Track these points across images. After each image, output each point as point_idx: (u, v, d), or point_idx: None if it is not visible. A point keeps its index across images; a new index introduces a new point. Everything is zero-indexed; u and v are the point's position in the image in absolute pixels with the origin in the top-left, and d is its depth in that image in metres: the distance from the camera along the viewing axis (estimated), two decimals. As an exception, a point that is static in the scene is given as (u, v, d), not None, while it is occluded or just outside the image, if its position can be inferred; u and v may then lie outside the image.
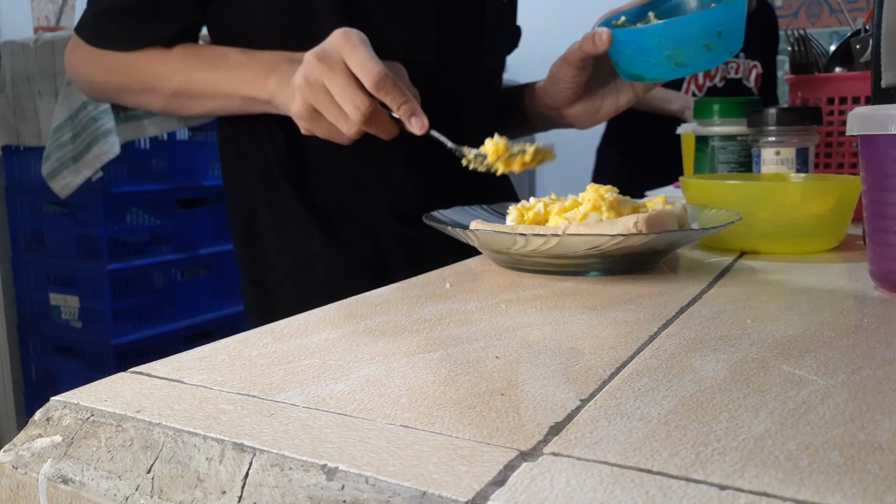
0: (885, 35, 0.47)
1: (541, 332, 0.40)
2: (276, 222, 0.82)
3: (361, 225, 0.81)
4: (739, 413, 0.28)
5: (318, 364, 0.35)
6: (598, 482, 0.23)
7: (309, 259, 0.80)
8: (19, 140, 1.89)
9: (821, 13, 2.77)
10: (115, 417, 0.30)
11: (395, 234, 0.81)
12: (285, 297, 0.82)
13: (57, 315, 1.93)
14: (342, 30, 0.65)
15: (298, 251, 0.81)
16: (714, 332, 0.39)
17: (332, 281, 0.80)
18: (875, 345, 0.37)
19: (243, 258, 0.86)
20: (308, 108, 0.66)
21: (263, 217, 0.83)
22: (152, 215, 1.94)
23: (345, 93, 0.64)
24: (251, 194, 0.83)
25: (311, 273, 0.81)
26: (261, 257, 0.84)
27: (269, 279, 0.83)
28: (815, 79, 0.88)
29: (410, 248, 0.81)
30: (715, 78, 1.90)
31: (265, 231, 0.83)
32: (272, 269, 0.83)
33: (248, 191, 0.84)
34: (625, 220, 0.52)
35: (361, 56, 0.64)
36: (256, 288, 0.85)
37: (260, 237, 0.83)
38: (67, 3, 2.31)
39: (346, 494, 0.24)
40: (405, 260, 0.81)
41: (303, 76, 0.65)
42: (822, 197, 0.62)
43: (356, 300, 0.48)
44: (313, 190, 0.81)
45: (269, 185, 0.81)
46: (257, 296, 0.85)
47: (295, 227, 0.81)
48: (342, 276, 0.80)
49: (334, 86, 0.64)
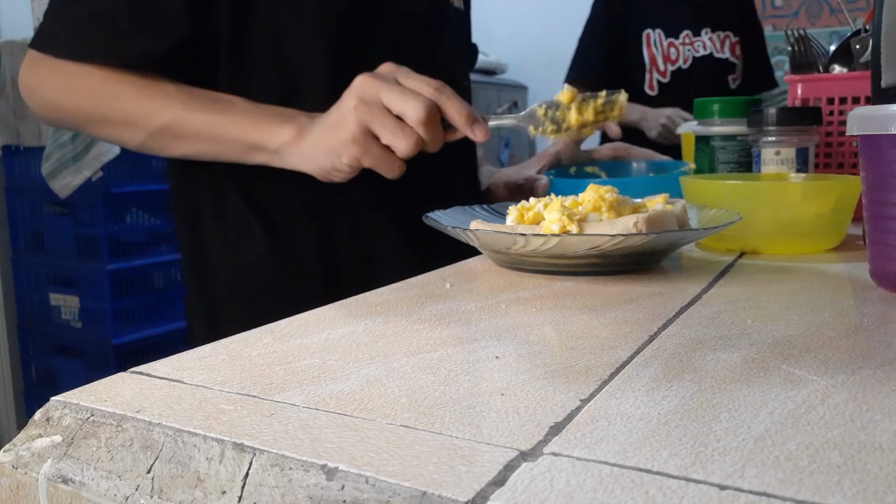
0: (885, 35, 0.47)
1: (541, 332, 0.40)
2: (219, 225, 0.80)
3: (310, 226, 0.79)
4: (739, 413, 0.28)
5: (318, 364, 0.35)
6: (598, 482, 0.23)
7: (253, 262, 0.79)
8: (19, 140, 1.89)
9: (821, 13, 2.77)
10: (115, 417, 0.30)
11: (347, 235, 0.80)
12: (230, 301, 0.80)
13: (57, 315, 1.93)
14: (389, 62, 0.66)
15: (242, 253, 0.79)
16: (714, 332, 0.39)
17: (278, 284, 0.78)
18: (875, 345, 0.37)
19: (188, 264, 0.84)
20: (363, 130, 0.64)
21: (207, 219, 0.80)
22: (152, 215, 1.94)
23: (405, 96, 0.62)
24: (195, 197, 0.81)
25: (255, 276, 0.79)
26: (205, 261, 0.82)
27: (214, 283, 0.81)
28: (815, 79, 0.88)
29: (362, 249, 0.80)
30: (677, 61, 1.90)
31: (209, 234, 0.80)
32: (216, 273, 0.81)
33: (191, 194, 0.82)
34: (625, 220, 0.52)
35: (417, 75, 0.64)
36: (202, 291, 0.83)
37: (204, 240, 0.81)
38: (67, 3, 2.30)
39: (346, 494, 0.24)
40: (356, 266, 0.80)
41: (356, 96, 0.64)
42: (822, 197, 0.62)
43: (356, 300, 0.48)
44: (258, 190, 0.78)
45: (213, 187, 0.79)
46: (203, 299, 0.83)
47: (238, 229, 0.79)
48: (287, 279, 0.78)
49: (393, 94, 0.63)
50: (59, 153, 1.73)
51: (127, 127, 0.73)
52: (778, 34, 2.74)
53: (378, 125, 0.63)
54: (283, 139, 0.69)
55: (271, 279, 0.78)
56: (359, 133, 0.64)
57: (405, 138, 0.63)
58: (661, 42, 1.90)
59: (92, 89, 0.72)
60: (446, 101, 0.64)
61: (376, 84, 0.63)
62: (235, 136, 0.71)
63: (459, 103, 0.64)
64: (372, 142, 0.65)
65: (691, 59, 1.89)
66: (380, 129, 0.64)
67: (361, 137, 0.64)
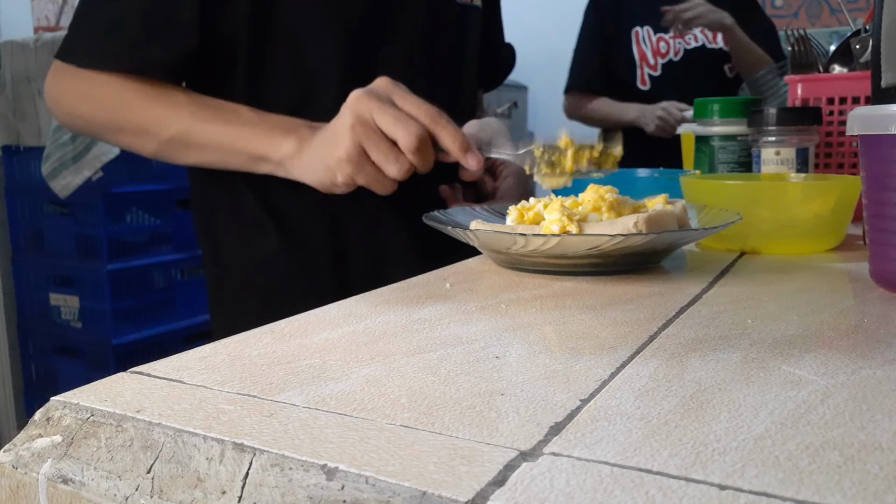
0: (885, 35, 0.47)
1: (541, 332, 0.40)
2: (235, 223, 0.82)
3: (322, 225, 0.81)
4: (739, 413, 0.28)
5: (318, 364, 0.35)
6: (598, 482, 0.23)
7: (267, 259, 0.80)
8: (19, 140, 1.89)
9: (821, 13, 2.77)
10: (115, 417, 0.30)
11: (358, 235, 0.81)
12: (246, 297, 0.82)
13: (57, 315, 1.93)
14: (385, 77, 0.66)
15: (256, 251, 0.81)
16: (714, 332, 0.39)
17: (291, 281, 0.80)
18: (875, 345, 0.37)
19: (207, 261, 0.86)
20: (358, 150, 0.65)
21: (223, 218, 0.82)
22: (152, 215, 1.94)
23: (398, 122, 0.63)
24: (212, 196, 0.83)
25: (269, 273, 0.80)
26: (222, 257, 0.84)
27: (230, 279, 0.83)
28: (815, 79, 0.88)
29: (373, 248, 0.82)
30: (668, 54, 1.92)
31: (225, 232, 0.82)
32: (232, 269, 0.83)
33: (209, 194, 0.84)
34: (625, 220, 0.52)
35: (413, 97, 0.64)
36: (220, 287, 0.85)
37: (220, 238, 0.83)
38: (67, 3, 2.31)
39: (346, 494, 0.24)
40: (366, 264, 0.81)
41: (353, 115, 0.64)
42: (822, 197, 0.62)
43: (356, 300, 0.48)
44: (272, 191, 0.80)
45: (229, 188, 0.81)
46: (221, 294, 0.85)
47: (253, 227, 0.80)
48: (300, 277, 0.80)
49: (387, 117, 0.63)
50: (59, 153, 1.73)
51: (140, 136, 0.75)
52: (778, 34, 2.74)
53: (372, 147, 0.64)
54: (286, 152, 0.70)
55: (285, 276, 0.80)
56: (353, 153, 0.65)
57: (396, 164, 0.64)
58: (649, 38, 1.93)
59: (107, 99, 0.75)
60: (441, 130, 0.64)
61: (371, 105, 0.64)
62: (241, 147, 0.72)
63: (453, 131, 0.65)
64: (366, 161, 0.66)
65: (682, 52, 1.91)
66: (373, 152, 0.65)
67: (356, 157, 0.65)
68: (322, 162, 0.68)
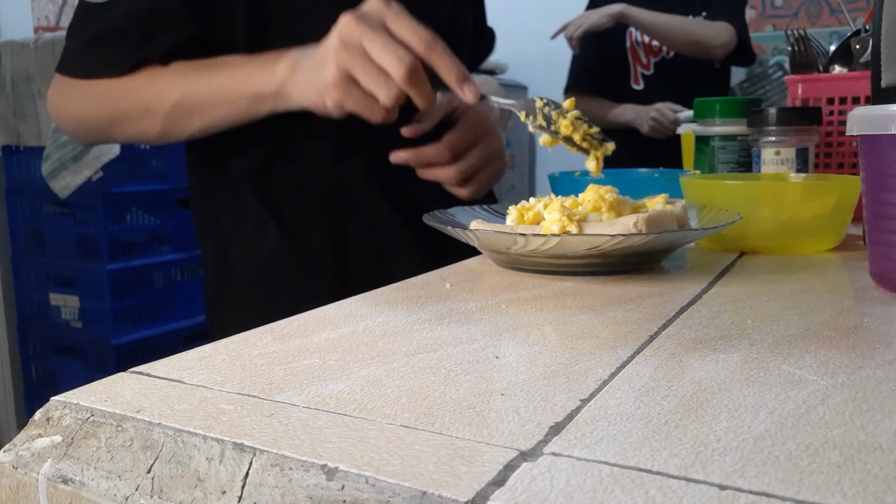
0: (885, 35, 0.47)
1: (541, 332, 0.40)
2: (236, 224, 0.81)
3: (322, 225, 0.80)
4: (739, 413, 0.28)
5: (318, 364, 0.35)
6: (598, 482, 0.23)
7: (268, 259, 0.80)
8: (19, 140, 1.89)
9: (821, 13, 2.77)
10: (115, 417, 0.30)
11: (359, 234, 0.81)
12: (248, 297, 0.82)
13: (57, 315, 1.93)
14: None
15: (258, 251, 0.81)
16: (714, 332, 0.39)
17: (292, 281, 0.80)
18: (875, 345, 0.37)
19: (208, 262, 0.86)
20: (343, 75, 0.61)
21: (225, 219, 0.82)
22: (152, 215, 1.94)
23: (387, 49, 0.59)
24: (214, 197, 0.83)
25: (271, 273, 0.80)
26: (224, 258, 0.83)
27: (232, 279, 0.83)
28: (815, 79, 0.88)
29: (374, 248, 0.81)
30: (660, 52, 1.94)
31: (227, 233, 0.82)
32: (234, 270, 0.83)
33: (210, 195, 0.83)
34: (625, 220, 0.52)
35: (408, 20, 0.60)
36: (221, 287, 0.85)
37: (222, 239, 0.83)
38: (67, 3, 2.31)
39: (346, 494, 0.24)
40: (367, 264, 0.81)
41: (338, 39, 0.60)
42: (822, 197, 0.62)
43: (356, 300, 0.48)
44: (273, 191, 0.80)
45: (230, 188, 0.81)
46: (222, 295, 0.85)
47: (253, 227, 0.80)
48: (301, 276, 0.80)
49: (375, 43, 0.59)
50: (59, 153, 1.73)
51: (143, 117, 0.74)
52: (778, 34, 2.74)
53: (359, 71, 0.61)
54: (280, 77, 0.68)
55: (285, 276, 0.80)
56: (339, 77, 0.62)
57: (386, 88, 0.60)
58: (642, 37, 1.94)
59: (107, 93, 0.75)
60: (436, 59, 0.60)
61: (359, 28, 0.60)
62: (238, 92, 0.70)
63: (450, 60, 0.61)
64: (353, 87, 0.62)
65: None
66: (361, 76, 0.61)
67: (342, 82, 0.62)
68: (312, 85, 0.65)
